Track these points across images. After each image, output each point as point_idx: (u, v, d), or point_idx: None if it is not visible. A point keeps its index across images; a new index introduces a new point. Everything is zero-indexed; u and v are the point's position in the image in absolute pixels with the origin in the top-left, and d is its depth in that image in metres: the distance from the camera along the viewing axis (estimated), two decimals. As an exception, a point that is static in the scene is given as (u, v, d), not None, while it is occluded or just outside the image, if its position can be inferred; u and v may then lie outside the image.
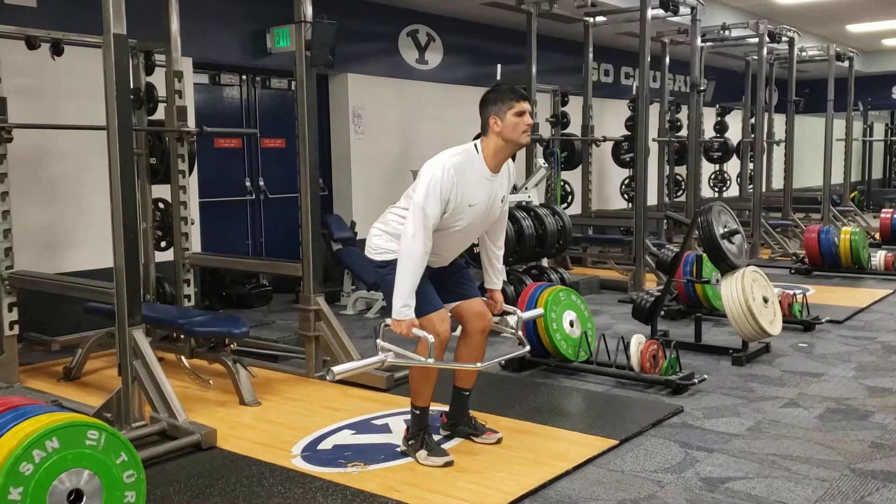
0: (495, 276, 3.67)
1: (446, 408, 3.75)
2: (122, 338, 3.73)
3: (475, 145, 3.37)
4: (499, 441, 3.63)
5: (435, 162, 3.27)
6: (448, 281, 3.50)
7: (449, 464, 3.38)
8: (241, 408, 4.25)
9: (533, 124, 3.38)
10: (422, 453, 3.42)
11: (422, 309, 3.28)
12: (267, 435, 3.83)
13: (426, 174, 3.24)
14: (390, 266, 3.32)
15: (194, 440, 3.60)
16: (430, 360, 3.23)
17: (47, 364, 5.23)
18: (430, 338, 3.19)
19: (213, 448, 3.62)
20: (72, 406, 4.00)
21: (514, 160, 3.63)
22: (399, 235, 3.29)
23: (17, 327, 4.76)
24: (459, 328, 3.59)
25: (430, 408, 3.53)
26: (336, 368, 3.09)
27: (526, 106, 3.34)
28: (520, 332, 3.62)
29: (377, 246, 3.45)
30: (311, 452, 3.59)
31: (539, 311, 4.39)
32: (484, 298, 3.63)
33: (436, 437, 3.57)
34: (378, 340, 3.23)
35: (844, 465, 3.37)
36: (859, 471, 3.32)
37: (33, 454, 2.42)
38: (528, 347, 3.70)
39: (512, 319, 3.68)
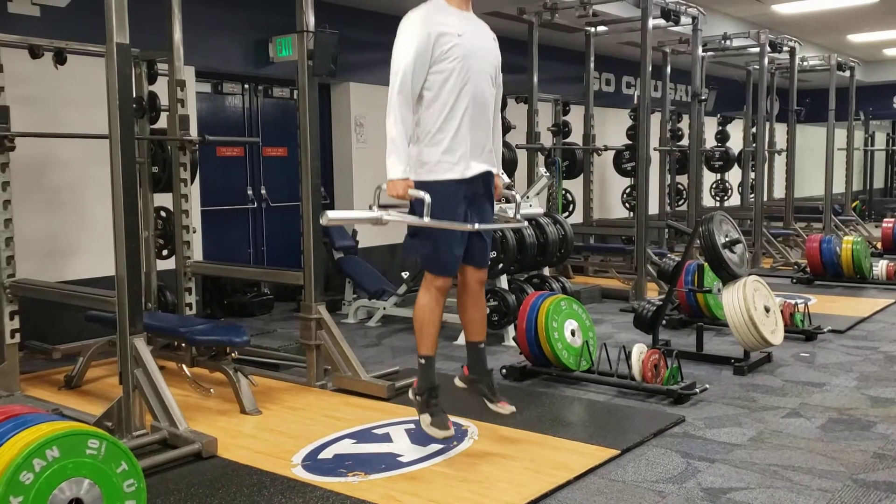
0: (496, 161, 3.65)
1: (464, 420, 3.74)
2: (123, 346, 3.73)
3: None
4: (512, 413, 3.63)
5: (403, 21, 3.31)
6: (472, 239, 3.47)
7: (447, 438, 3.42)
8: (242, 417, 4.24)
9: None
10: (425, 418, 3.43)
11: (437, 265, 3.35)
12: (268, 444, 3.82)
13: (401, 28, 3.29)
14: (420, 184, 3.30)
15: (195, 449, 3.59)
16: (427, 219, 3.22)
17: (48, 372, 5.23)
18: (427, 197, 3.18)
19: (213, 457, 3.62)
20: (72, 415, 4.00)
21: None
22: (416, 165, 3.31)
23: (18, 335, 4.75)
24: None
25: (451, 419, 3.53)
26: (330, 213, 3.12)
27: None
28: (518, 216, 3.68)
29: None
30: (312, 462, 3.59)
31: (539, 210, 4.42)
32: None
33: (449, 432, 3.52)
34: (375, 205, 3.23)
35: (847, 476, 3.36)
36: (862, 481, 3.31)
37: (33, 463, 2.41)
38: (525, 223, 3.83)
39: (510, 207, 3.72)
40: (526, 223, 3.86)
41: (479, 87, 3.37)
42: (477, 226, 3.39)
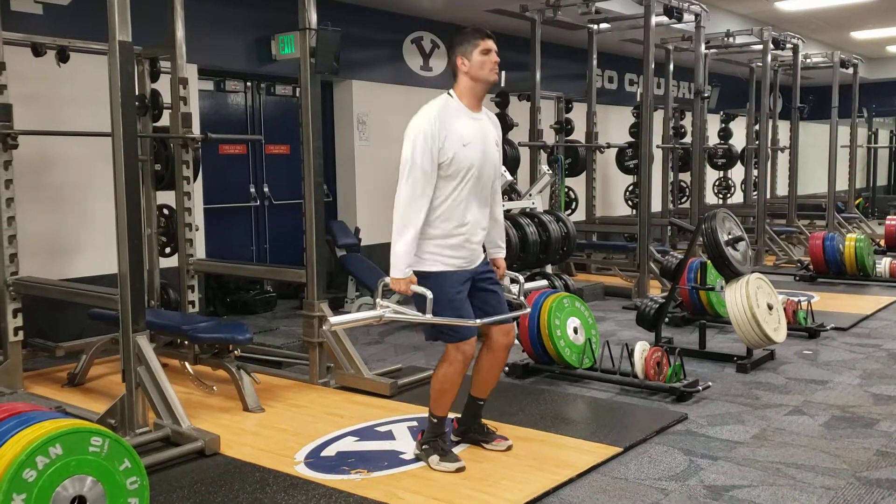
0: (499, 243, 3.67)
1: (457, 415, 3.74)
2: (126, 344, 3.73)
3: (448, 93, 3.41)
4: (509, 448, 3.61)
5: (414, 119, 3.31)
6: (485, 302, 3.47)
7: (461, 469, 3.38)
8: (245, 414, 4.25)
9: (497, 62, 3.36)
10: (434, 458, 3.42)
11: (460, 335, 3.34)
12: (270, 441, 3.83)
13: (409, 132, 3.28)
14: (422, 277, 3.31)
15: (198, 447, 3.60)
16: (428, 316, 3.23)
17: (51, 370, 5.24)
18: (429, 293, 3.20)
19: (216, 454, 3.62)
20: (75, 412, 4.01)
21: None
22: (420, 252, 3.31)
23: (21, 333, 4.77)
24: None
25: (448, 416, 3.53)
26: (333, 319, 3.18)
27: (491, 44, 3.37)
28: (522, 298, 3.68)
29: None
30: (315, 459, 3.59)
31: (543, 282, 4.45)
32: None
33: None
34: (377, 300, 3.25)
35: (850, 474, 3.36)
36: (865, 479, 3.30)
37: (37, 461, 2.42)
38: (528, 310, 3.86)
39: (515, 287, 3.73)
40: (528, 309, 3.93)
41: (477, 192, 3.39)
42: (478, 322, 3.39)
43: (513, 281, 3.74)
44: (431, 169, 3.24)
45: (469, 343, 3.37)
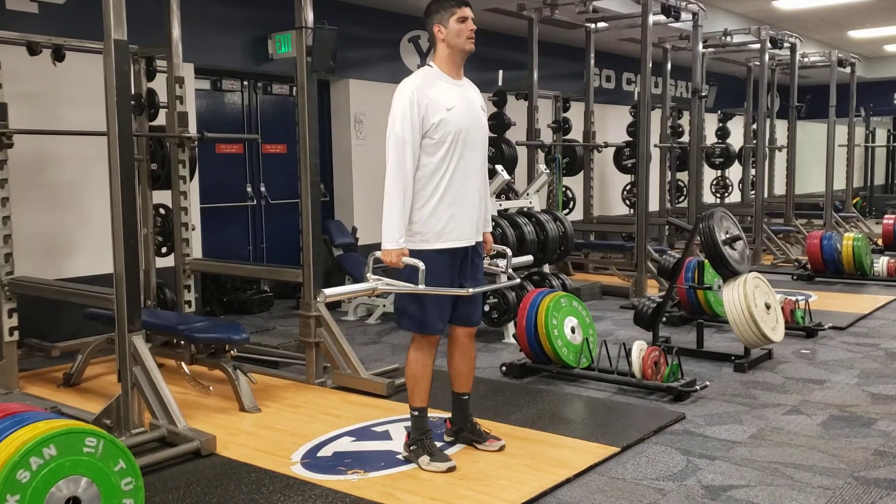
0: (486, 216, 3.63)
1: (449, 414, 3.73)
2: (121, 344, 3.72)
3: (428, 63, 3.44)
4: (501, 448, 3.61)
5: (396, 91, 3.32)
6: (463, 303, 3.48)
7: (451, 469, 3.37)
8: (241, 414, 4.23)
9: (473, 29, 3.36)
10: (424, 459, 3.41)
11: (426, 324, 3.36)
12: (267, 442, 3.81)
13: (392, 104, 3.30)
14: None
15: (194, 447, 3.58)
16: (421, 287, 3.23)
17: (47, 370, 5.22)
18: (421, 264, 3.20)
19: (212, 455, 3.61)
20: (71, 412, 3.99)
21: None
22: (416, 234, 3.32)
23: (16, 333, 4.75)
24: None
25: (434, 416, 3.52)
26: (327, 290, 3.16)
27: (468, 11, 3.36)
28: (510, 271, 3.72)
29: None
30: (311, 459, 3.58)
31: (529, 258, 4.46)
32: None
33: (438, 444, 3.54)
34: (367, 273, 3.24)
35: (848, 473, 3.35)
36: (863, 479, 3.30)
37: (30, 461, 2.40)
38: (518, 280, 3.89)
39: (502, 262, 3.75)
40: (518, 280, 3.94)
41: (468, 158, 3.38)
42: (471, 290, 3.41)
43: (500, 255, 3.76)
44: (413, 138, 3.24)
45: (433, 336, 3.44)
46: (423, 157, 3.31)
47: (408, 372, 3.51)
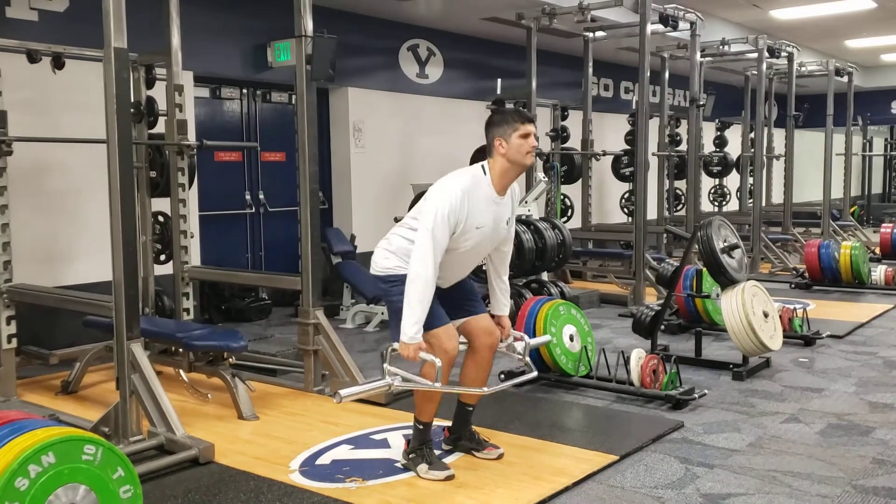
0: (503, 300, 3.65)
1: (448, 423, 3.73)
2: (120, 351, 3.71)
3: (482, 167, 3.38)
4: (500, 457, 3.61)
5: (444, 185, 3.29)
6: (455, 297, 3.49)
7: (450, 477, 3.36)
8: (240, 422, 4.23)
9: (535, 146, 3.39)
10: (423, 467, 3.40)
11: (429, 324, 3.27)
12: (265, 449, 3.81)
13: (435, 198, 3.24)
14: (397, 281, 3.29)
15: (192, 455, 3.58)
16: (437, 385, 3.23)
17: (45, 378, 5.21)
18: (438, 361, 3.19)
19: (210, 463, 3.60)
20: (69, 420, 3.98)
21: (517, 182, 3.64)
22: (406, 254, 3.29)
23: (15, 340, 4.74)
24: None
25: (433, 424, 3.51)
26: (343, 391, 3.11)
27: (531, 128, 3.35)
28: (527, 358, 3.66)
29: (384, 267, 3.41)
30: (310, 467, 3.57)
31: (546, 337, 4.43)
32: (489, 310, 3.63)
33: (436, 452, 3.54)
34: (385, 365, 3.22)
35: (846, 482, 3.35)
36: (861, 487, 3.30)
37: (29, 469, 2.40)
38: (535, 373, 3.82)
39: (519, 345, 3.65)
40: (535, 373, 3.92)
41: (481, 249, 3.43)
42: (486, 390, 3.42)
43: (517, 339, 3.68)
44: (445, 239, 3.23)
45: (451, 339, 3.33)
46: None
47: (417, 392, 3.45)
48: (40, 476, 2.42)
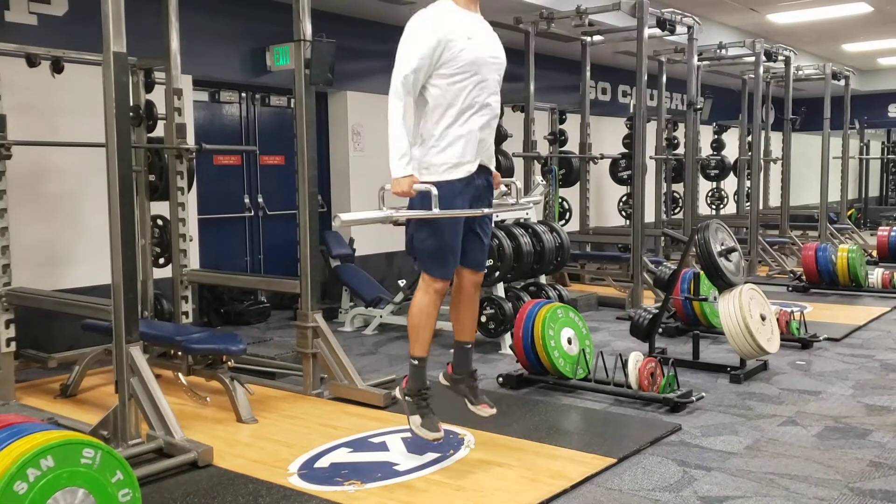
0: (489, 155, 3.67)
1: (460, 429, 3.73)
2: (119, 355, 3.72)
3: None
4: (491, 416, 3.62)
5: (412, 19, 3.33)
6: (471, 241, 3.49)
7: (437, 440, 3.41)
8: (238, 425, 4.23)
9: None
10: (415, 419, 3.42)
11: (438, 265, 3.36)
12: (264, 453, 3.81)
13: (409, 27, 3.31)
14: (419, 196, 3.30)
15: (191, 458, 3.58)
16: (436, 210, 3.20)
17: (44, 381, 5.21)
18: (434, 189, 3.18)
19: (209, 466, 3.61)
20: (68, 424, 3.99)
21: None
22: (423, 167, 3.32)
23: (13, 344, 4.74)
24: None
25: (446, 428, 3.54)
26: (343, 215, 3.12)
27: None
28: (519, 199, 3.75)
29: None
30: (308, 470, 3.58)
31: (538, 196, 4.50)
32: None
33: (438, 454, 3.53)
34: (382, 207, 3.23)
35: (843, 484, 3.36)
36: (858, 490, 3.31)
37: (28, 473, 2.40)
38: (531, 205, 3.91)
39: (512, 190, 3.78)
40: (531, 208, 4.01)
41: (486, 92, 3.37)
42: (485, 210, 3.40)
43: (508, 186, 3.80)
44: (423, 65, 3.23)
45: (443, 282, 3.42)
46: (441, 86, 3.29)
47: (411, 321, 3.48)
48: (39, 480, 2.43)
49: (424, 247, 3.41)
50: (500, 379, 4.91)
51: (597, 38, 8.99)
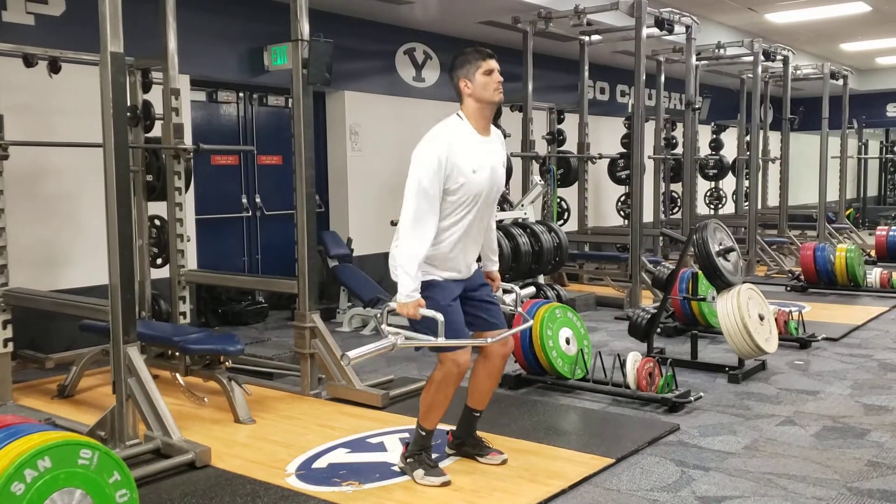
0: (492, 256, 3.66)
1: (451, 427, 3.72)
2: (116, 355, 3.71)
3: (457, 114, 3.38)
4: (503, 462, 3.58)
5: (424, 143, 3.27)
6: (478, 308, 3.46)
7: (446, 483, 3.36)
8: (236, 426, 4.23)
9: (501, 81, 3.33)
10: (419, 472, 3.40)
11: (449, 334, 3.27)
12: (261, 453, 3.81)
13: (418, 153, 3.24)
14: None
15: (188, 458, 3.58)
16: (441, 339, 3.15)
17: (41, 382, 5.21)
18: (440, 316, 3.12)
19: (207, 466, 3.60)
20: (65, 424, 3.98)
21: (501, 131, 3.62)
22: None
23: (11, 345, 4.74)
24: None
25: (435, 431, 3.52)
26: (351, 353, 3.04)
27: (493, 64, 3.33)
28: (520, 309, 3.64)
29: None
30: (306, 471, 3.57)
31: (531, 289, 4.48)
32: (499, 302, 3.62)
33: (435, 455, 3.53)
34: (383, 326, 3.17)
35: (841, 484, 3.36)
36: (856, 489, 3.31)
37: (25, 474, 2.40)
38: (531, 322, 3.83)
39: (510, 297, 3.68)
40: (531, 322, 3.94)
41: (481, 213, 3.38)
42: (490, 340, 3.35)
43: (507, 292, 3.72)
44: (437, 194, 3.19)
45: (465, 353, 3.31)
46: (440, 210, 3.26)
47: (427, 395, 3.40)
48: (36, 480, 2.42)
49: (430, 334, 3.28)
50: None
51: (595, 37, 9.00)
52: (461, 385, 3.44)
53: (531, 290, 4.46)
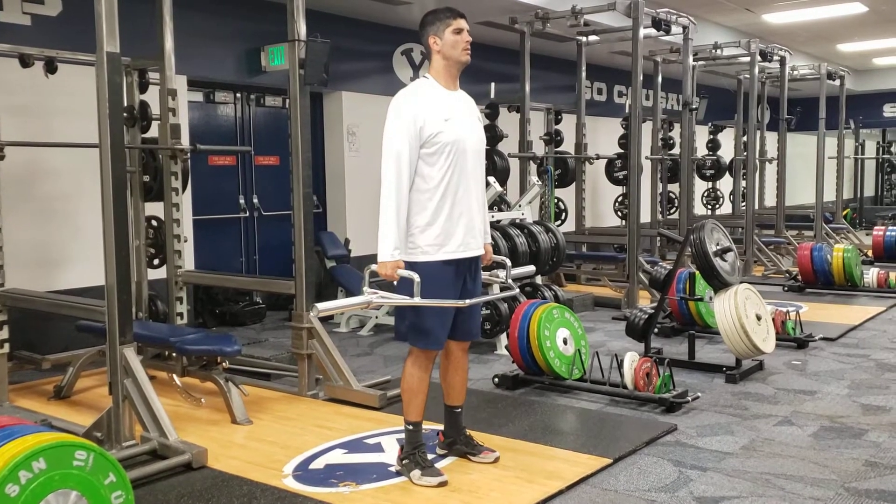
0: (484, 230, 3.63)
1: (442, 427, 3.72)
2: (113, 356, 3.70)
3: (423, 75, 3.44)
4: (496, 460, 3.60)
5: (393, 101, 3.32)
6: (463, 316, 3.46)
7: (443, 483, 3.36)
8: (233, 427, 4.22)
9: (469, 41, 3.36)
10: (415, 473, 3.40)
11: (428, 337, 3.35)
12: (258, 454, 3.80)
13: (388, 114, 3.29)
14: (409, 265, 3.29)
15: (185, 460, 3.57)
16: (417, 299, 3.20)
17: (38, 382, 5.20)
18: (416, 276, 3.18)
19: (203, 467, 3.59)
20: (61, 425, 3.97)
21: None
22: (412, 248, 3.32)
23: (7, 345, 4.73)
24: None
25: (426, 427, 3.52)
26: (320, 305, 3.12)
27: (463, 23, 3.37)
28: (510, 281, 3.69)
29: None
30: (303, 472, 3.57)
31: (531, 268, 4.47)
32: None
33: (430, 456, 3.54)
34: (365, 287, 3.22)
35: (839, 484, 3.36)
36: (854, 490, 3.31)
37: (19, 475, 2.39)
38: (517, 290, 3.89)
39: (501, 272, 3.72)
40: (517, 290, 3.95)
41: (466, 169, 3.36)
42: (468, 301, 3.38)
43: (500, 265, 3.74)
44: (410, 151, 3.23)
45: (432, 351, 3.42)
46: (421, 168, 3.30)
47: (404, 386, 3.48)
48: (31, 482, 2.41)
49: (409, 321, 3.38)
50: (496, 379, 4.90)
51: (592, 38, 9.00)
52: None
53: (530, 268, 4.48)
